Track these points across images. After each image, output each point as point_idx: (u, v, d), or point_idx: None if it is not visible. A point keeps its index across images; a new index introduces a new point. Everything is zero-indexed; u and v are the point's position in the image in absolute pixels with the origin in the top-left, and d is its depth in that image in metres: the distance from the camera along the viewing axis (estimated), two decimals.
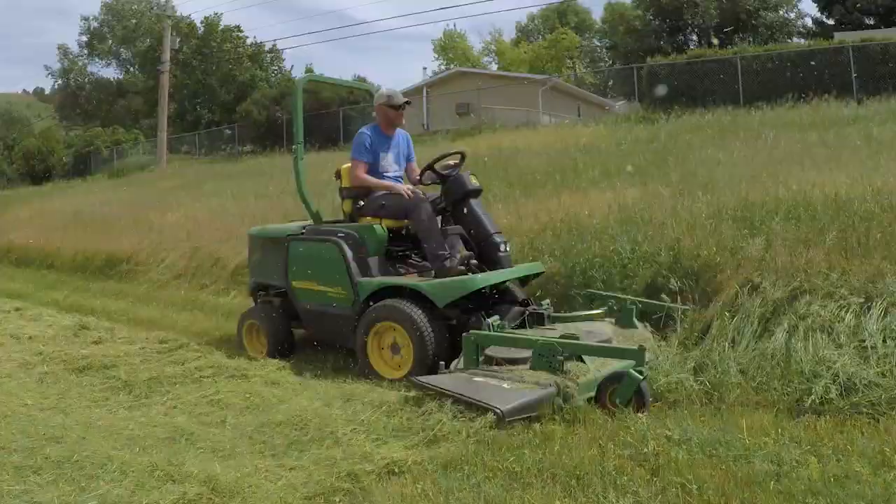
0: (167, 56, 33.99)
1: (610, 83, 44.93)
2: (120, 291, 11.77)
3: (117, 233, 15.01)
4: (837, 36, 29.43)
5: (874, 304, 5.33)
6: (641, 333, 5.92)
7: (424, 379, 4.80)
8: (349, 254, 6.30)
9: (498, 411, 4.20)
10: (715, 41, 34.79)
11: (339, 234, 6.48)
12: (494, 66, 54.57)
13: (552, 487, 3.53)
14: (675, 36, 41.96)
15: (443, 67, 52.13)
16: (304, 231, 6.86)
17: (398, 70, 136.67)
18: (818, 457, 3.80)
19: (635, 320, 6.10)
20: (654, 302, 6.25)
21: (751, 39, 38.31)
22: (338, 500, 3.51)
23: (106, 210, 18.70)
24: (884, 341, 5.00)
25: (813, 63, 23.50)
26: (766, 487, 3.45)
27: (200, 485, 3.58)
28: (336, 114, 33.44)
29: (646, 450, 3.87)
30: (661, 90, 24.74)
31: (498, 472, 3.70)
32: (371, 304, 6.06)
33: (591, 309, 6.39)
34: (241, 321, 7.27)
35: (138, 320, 9.14)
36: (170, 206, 16.75)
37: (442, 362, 5.17)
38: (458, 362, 5.20)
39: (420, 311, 5.70)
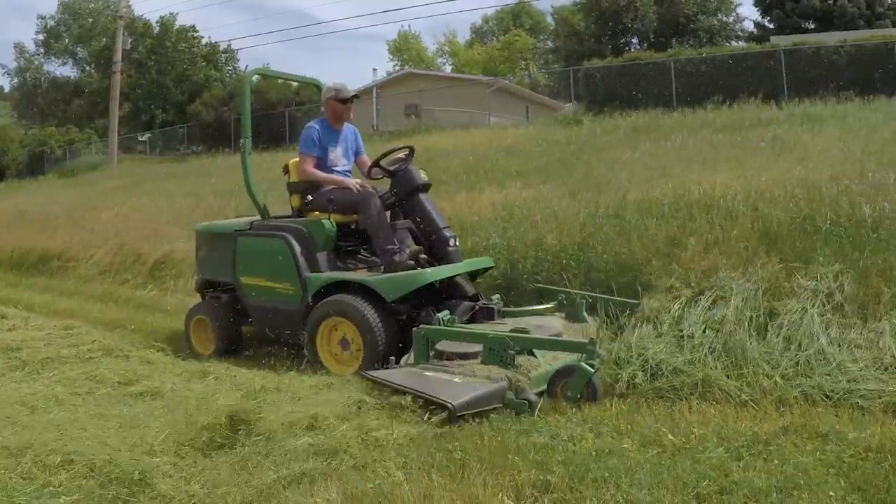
0: (119, 56, 34.01)
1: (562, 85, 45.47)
2: (48, 286, 12.11)
3: (54, 231, 15.29)
4: (773, 40, 30.06)
5: (704, 296, 5.72)
6: (591, 327, 6.00)
7: (375, 373, 4.79)
8: (297, 249, 6.24)
9: (449, 405, 4.20)
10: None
11: (288, 230, 6.42)
12: (448, 68, 54.87)
13: (316, 460, 3.82)
14: (616, 40, 42.55)
15: (397, 68, 52.45)
16: (251, 226, 6.81)
17: (352, 70, 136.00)
18: (596, 434, 4.06)
19: (585, 314, 6.12)
20: (604, 297, 6.28)
21: (690, 43, 39.03)
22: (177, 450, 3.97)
23: (49, 209, 18.81)
24: (703, 331, 5.35)
25: (746, 66, 24.06)
26: (525, 457, 3.70)
27: (56, 438, 4.06)
28: (282, 114, 33.74)
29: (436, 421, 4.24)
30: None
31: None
32: (320, 299, 6.02)
33: (541, 303, 6.42)
34: (189, 317, 7.16)
35: (57, 311, 9.48)
36: (108, 205, 17.07)
37: (392, 357, 5.16)
38: (409, 357, 5.19)
39: (369, 307, 5.67)
